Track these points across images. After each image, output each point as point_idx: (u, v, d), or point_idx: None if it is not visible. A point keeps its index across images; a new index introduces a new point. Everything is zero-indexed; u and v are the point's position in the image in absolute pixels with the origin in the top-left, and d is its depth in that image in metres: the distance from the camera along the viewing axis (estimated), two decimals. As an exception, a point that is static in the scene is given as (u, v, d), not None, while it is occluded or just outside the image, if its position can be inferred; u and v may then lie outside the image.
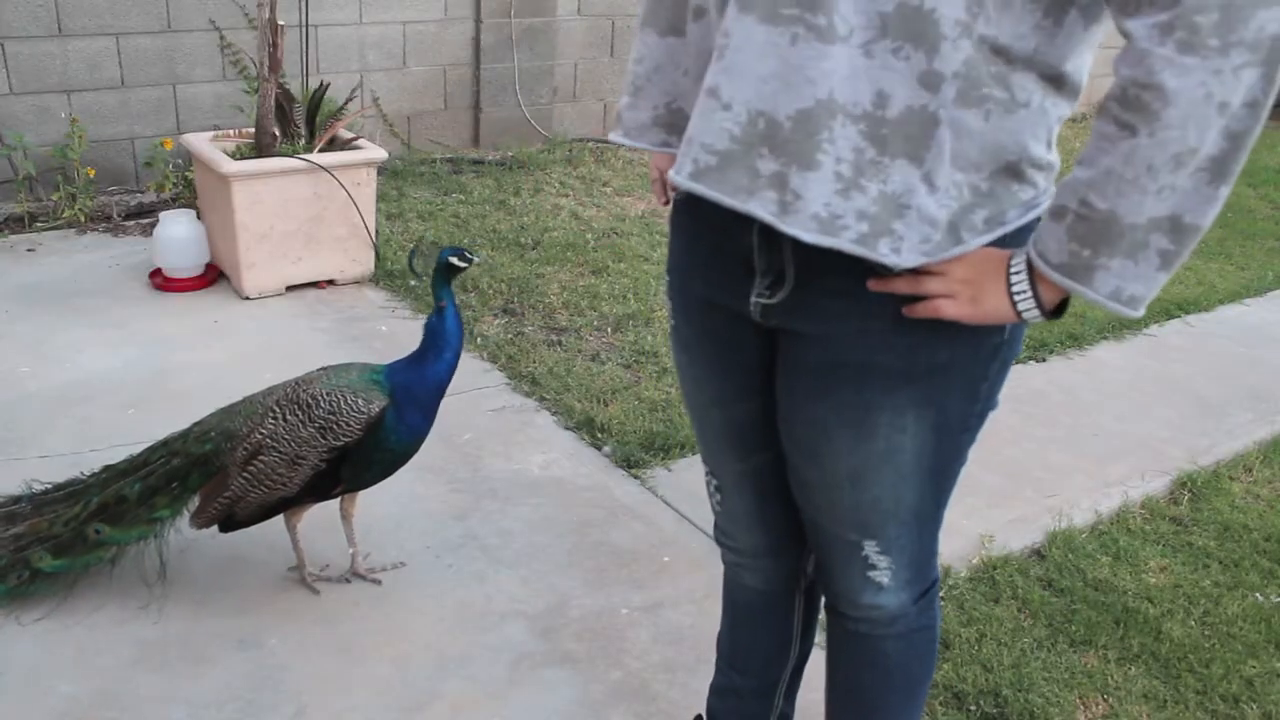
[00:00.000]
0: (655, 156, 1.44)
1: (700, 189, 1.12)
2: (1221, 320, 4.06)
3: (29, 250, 4.04)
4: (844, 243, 1.08)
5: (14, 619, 2.10)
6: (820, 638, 1.66)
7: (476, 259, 2.11)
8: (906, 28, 1.00)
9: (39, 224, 4.25)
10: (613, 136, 1.33)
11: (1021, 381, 3.42)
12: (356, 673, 2.02)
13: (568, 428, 2.95)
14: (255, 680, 1.98)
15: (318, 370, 2.14)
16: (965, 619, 2.24)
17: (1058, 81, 1.08)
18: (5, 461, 2.61)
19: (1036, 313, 1.09)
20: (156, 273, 3.77)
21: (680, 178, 1.13)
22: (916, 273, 1.12)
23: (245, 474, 2.04)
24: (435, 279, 2.06)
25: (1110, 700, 2.05)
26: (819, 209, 1.08)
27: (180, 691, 1.95)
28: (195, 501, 2.12)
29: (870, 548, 1.34)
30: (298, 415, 2.02)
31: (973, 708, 2.00)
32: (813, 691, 1.69)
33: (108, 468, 2.18)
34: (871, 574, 1.37)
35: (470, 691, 2.00)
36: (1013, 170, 1.11)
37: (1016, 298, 1.09)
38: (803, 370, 1.25)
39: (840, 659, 1.54)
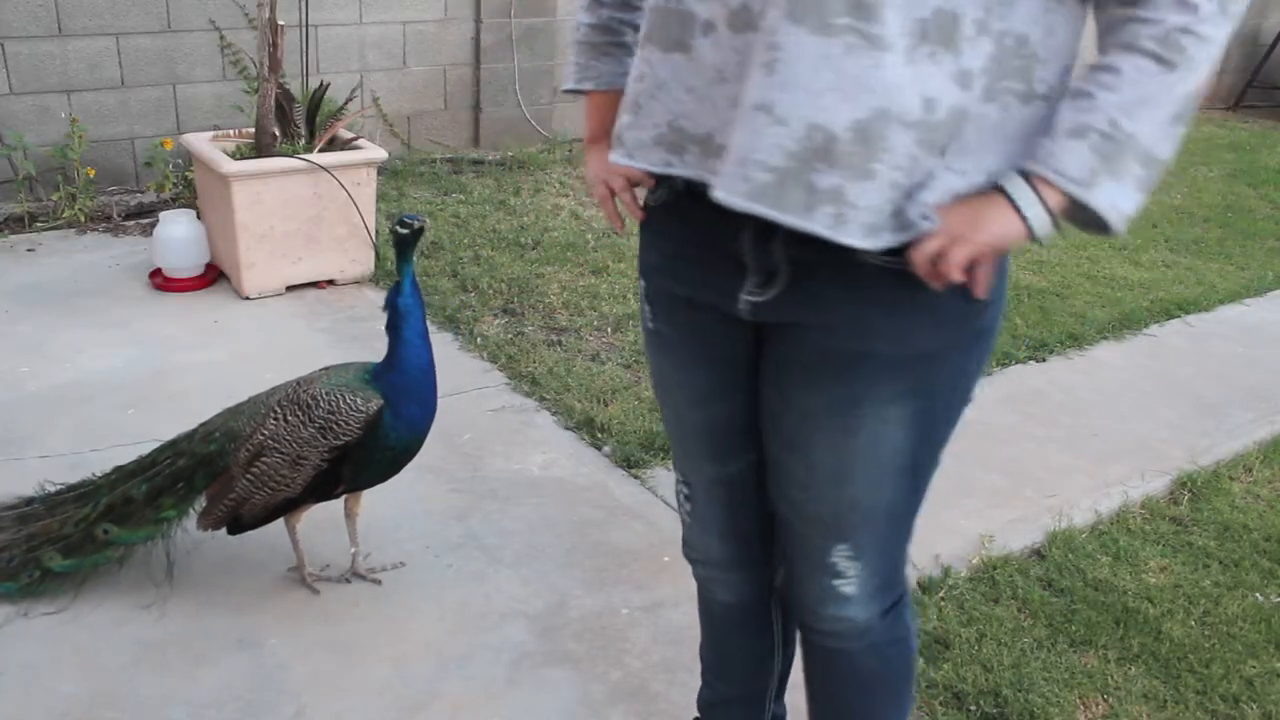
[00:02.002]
0: (611, 171, 1.38)
1: (760, 209, 1.11)
2: (1221, 320, 4.06)
3: (29, 250, 4.04)
4: (883, 241, 1.12)
5: (21, 616, 2.10)
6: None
7: (419, 222, 2.07)
8: (940, 32, 1.05)
9: (39, 224, 4.25)
10: (613, 158, 1.29)
11: (1021, 381, 3.42)
12: (356, 673, 2.02)
13: (568, 428, 2.95)
14: (255, 680, 1.99)
15: (319, 370, 2.14)
16: (965, 619, 2.23)
17: (1068, 70, 1.14)
18: (5, 461, 2.61)
19: (1047, 220, 1.11)
20: (156, 273, 3.77)
21: (735, 198, 1.11)
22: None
23: (249, 475, 2.04)
24: (396, 249, 2.07)
25: (1110, 700, 2.05)
26: (872, 217, 1.10)
27: (180, 691, 1.95)
28: (202, 502, 2.13)
29: (840, 553, 1.34)
30: (298, 415, 2.02)
31: (973, 708, 2.00)
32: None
33: (118, 469, 2.19)
34: (837, 583, 1.37)
35: (470, 691, 2.00)
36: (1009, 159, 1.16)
37: (1023, 207, 1.11)
38: (795, 361, 1.26)
39: (814, 672, 1.53)
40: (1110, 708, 2.03)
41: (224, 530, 2.13)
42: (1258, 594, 2.40)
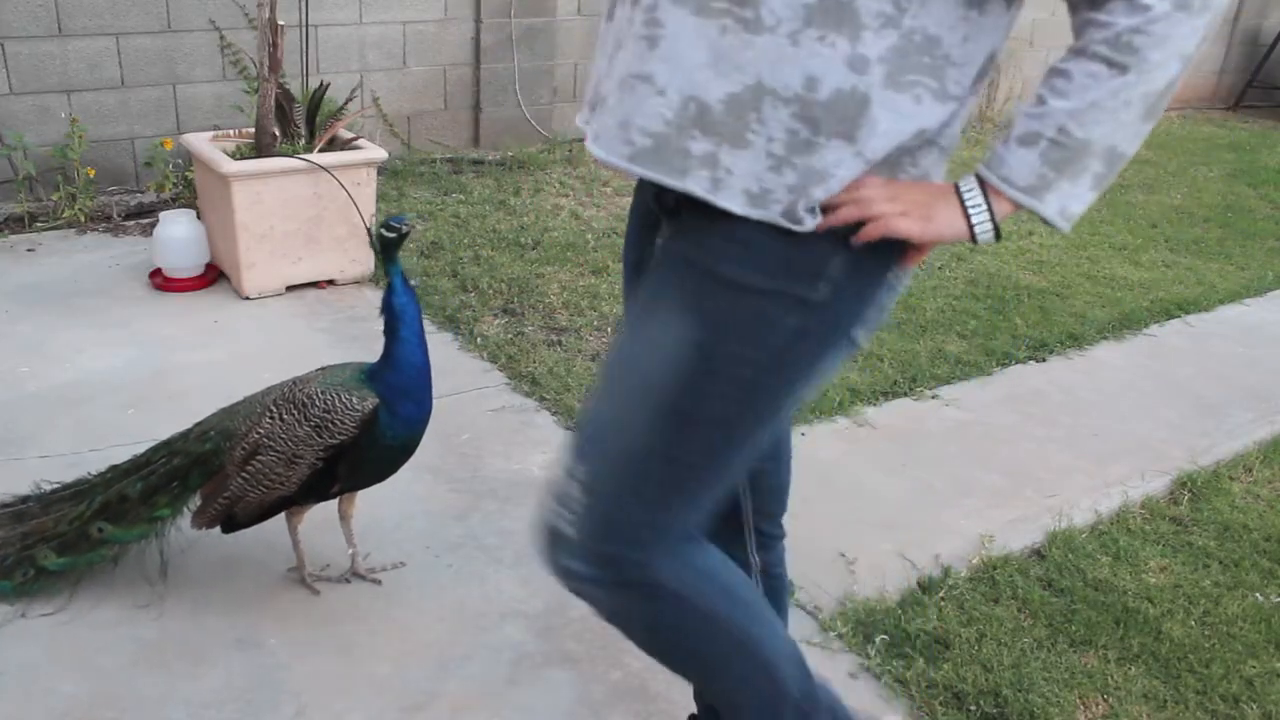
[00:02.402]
0: None
1: (638, 170, 1.20)
2: (1221, 320, 4.06)
3: (29, 250, 4.04)
4: (773, 215, 1.16)
5: (19, 616, 2.10)
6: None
7: (406, 225, 2.09)
8: (829, 17, 1.10)
9: (39, 224, 4.25)
10: (578, 121, 1.37)
11: (1021, 381, 3.42)
12: (356, 673, 2.02)
13: (568, 428, 2.95)
14: (255, 680, 1.98)
15: (315, 370, 2.14)
16: (965, 619, 2.23)
17: (984, 73, 1.18)
18: (5, 461, 2.61)
19: (990, 228, 1.18)
20: (156, 273, 3.77)
21: (616, 159, 1.21)
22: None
23: (244, 474, 2.04)
24: (381, 251, 2.10)
25: (1110, 700, 2.05)
26: (750, 184, 1.16)
27: (180, 691, 1.95)
28: (196, 500, 2.12)
29: (574, 471, 1.30)
30: (294, 414, 2.02)
31: (973, 708, 2.00)
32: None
33: (113, 467, 2.18)
34: (559, 509, 1.29)
35: (470, 691, 2.00)
36: (931, 146, 1.20)
37: (972, 214, 1.17)
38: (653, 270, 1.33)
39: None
40: (1110, 708, 2.03)
41: (219, 529, 2.12)
42: (1258, 594, 2.40)
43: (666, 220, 1.31)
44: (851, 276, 1.21)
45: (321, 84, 3.96)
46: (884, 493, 2.72)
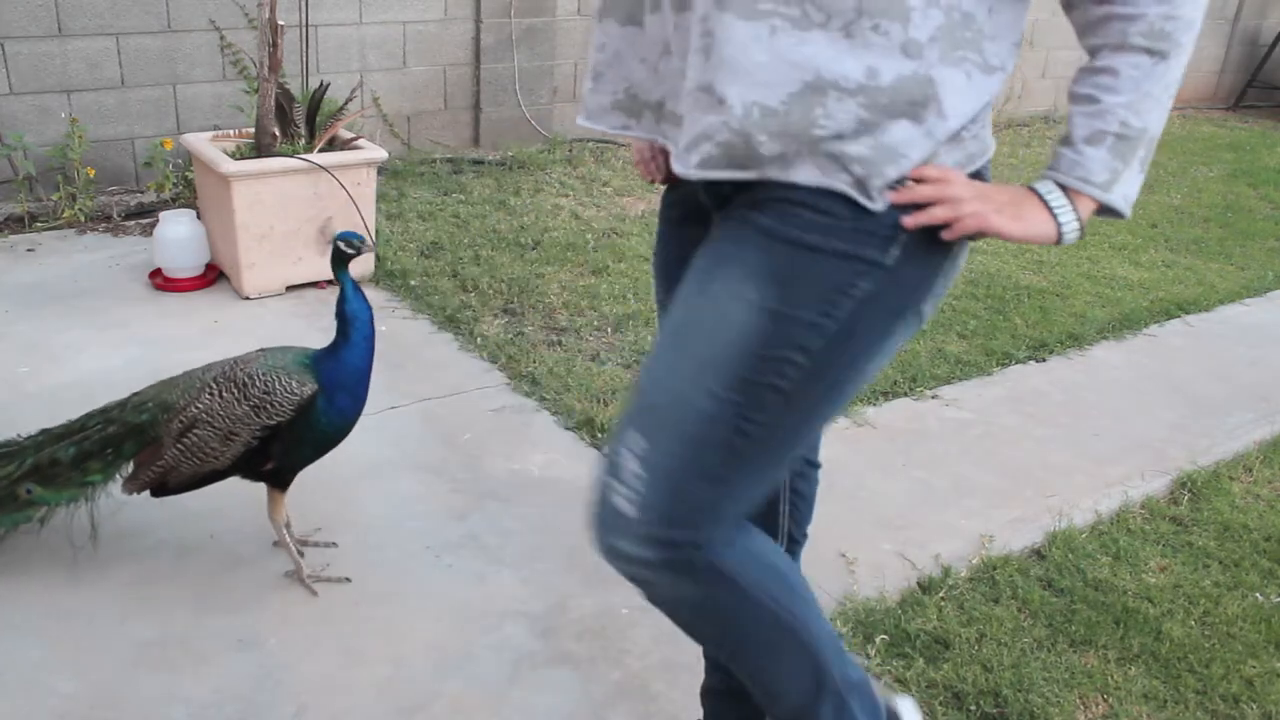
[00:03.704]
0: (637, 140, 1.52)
1: (712, 175, 1.21)
2: (1221, 320, 4.06)
3: (29, 250, 4.04)
4: (843, 184, 1.17)
5: (18, 615, 2.10)
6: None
7: (366, 247, 2.23)
8: (878, 5, 1.11)
9: (39, 224, 4.25)
10: (580, 120, 1.39)
11: (1021, 381, 3.42)
12: (356, 673, 2.02)
13: (568, 428, 2.95)
14: (255, 680, 1.98)
15: (255, 351, 2.19)
16: (965, 619, 2.23)
17: (1018, 43, 1.21)
18: (5, 461, 2.61)
19: (1077, 228, 1.21)
20: (156, 273, 3.77)
21: (688, 169, 1.21)
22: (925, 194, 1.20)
23: (179, 446, 2.10)
24: (332, 262, 2.20)
25: (1110, 700, 2.05)
26: (819, 160, 1.16)
27: (180, 691, 1.95)
28: (128, 468, 2.18)
29: (632, 443, 1.26)
30: (233, 393, 2.08)
31: (973, 708, 2.00)
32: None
33: (45, 431, 2.23)
34: (614, 484, 1.25)
35: (470, 691, 2.00)
36: (984, 119, 1.23)
37: (1059, 214, 1.21)
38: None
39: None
40: (1110, 708, 2.03)
41: (148, 493, 2.18)
42: (1258, 594, 2.40)
43: (719, 206, 1.31)
44: (922, 246, 1.21)
45: (321, 84, 3.96)
46: (884, 493, 2.72)
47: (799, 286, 1.18)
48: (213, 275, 3.81)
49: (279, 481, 2.19)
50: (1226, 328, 3.98)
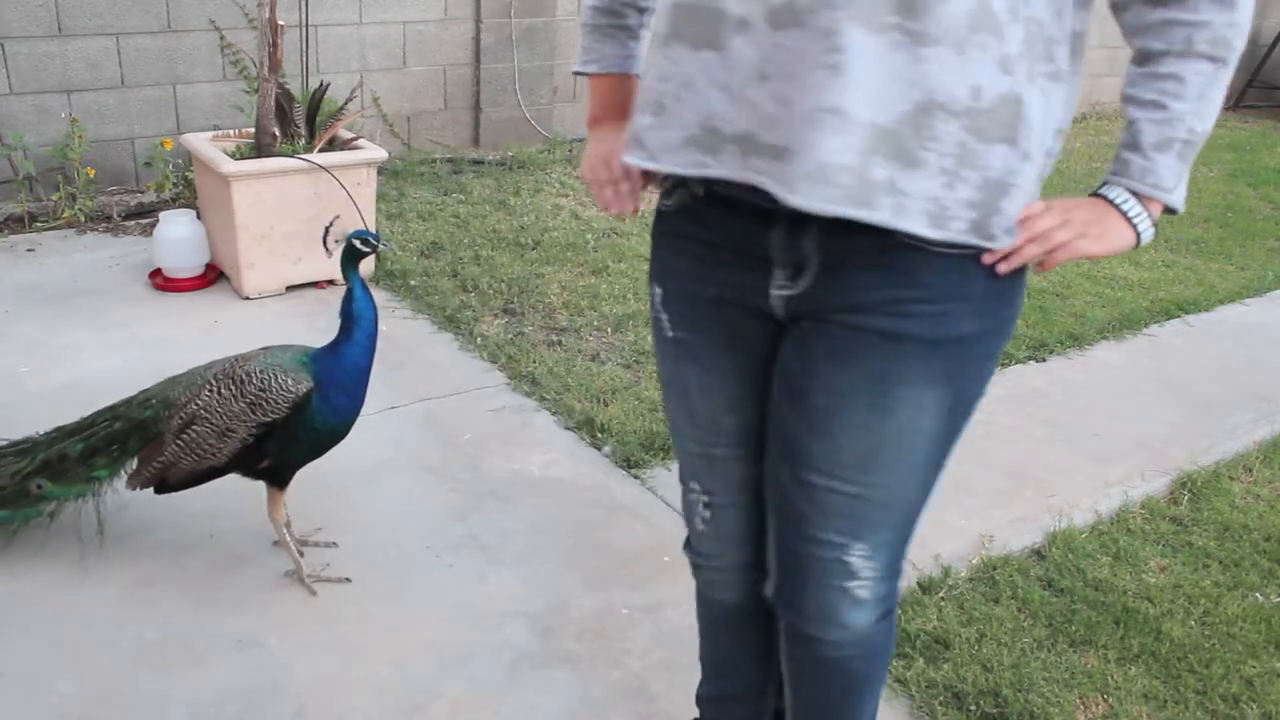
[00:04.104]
0: (613, 154, 1.37)
1: (843, 211, 1.12)
2: (1221, 320, 4.06)
3: (29, 250, 4.04)
4: (954, 234, 1.14)
5: (17, 615, 2.10)
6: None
7: (383, 245, 2.22)
8: (983, 21, 1.08)
9: (39, 224, 4.25)
10: (634, 160, 1.24)
11: (1021, 381, 3.42)
12: (356, 673, 2.02)
13: (568, 428, 2.95)
14: (255, 680, 1.98)
15: (258, 349, 2.21)
16: (965, 619, 2.23)
17: (1080, 53, 1.20)
18: (5, 461, 2.61)
19: (1152, 233, 1.25)
20: (156, 273, 3.77)
21: (816, 203, 1.12)
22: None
23: (178, 442, 2.12)
24: (343, 259, 2.19)
25: (1110, 700, 2.05)
26: (928, 205, 1.13)
27: (180, 691, 1.95)
28: (134, 464, 2.20)
29: (857, 552, 1.32)
30: (231, 390, 2.09)
31: (973, 708, 2.00)
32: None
33: (58, 428, 2.26)
34: (851, 585, 1.34)
35: (470, 691, 2.00)
36: (1060, 135, 1.23)
37: (1136, 222, 1.23)
38: (825, 343, 1.25)
39: (802, 676, 1.50)
40: (1110, 708, 2.03)
41: (152, 490, 2.19)
42: (1258, 594, 2.40)
43: (789, 270, 1.24)
44: (1018, 284, 1.28)
45: (321, 84, 3.96)
46: (884, 493, 2.71)
47: (967, 374, 1.27)
48: (213, 275, 3.81)
49: (277, 480, 2.19)
50: (1226, 328, 3.98)
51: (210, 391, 2.11)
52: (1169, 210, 1.24)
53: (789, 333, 1.30)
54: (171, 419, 2.14)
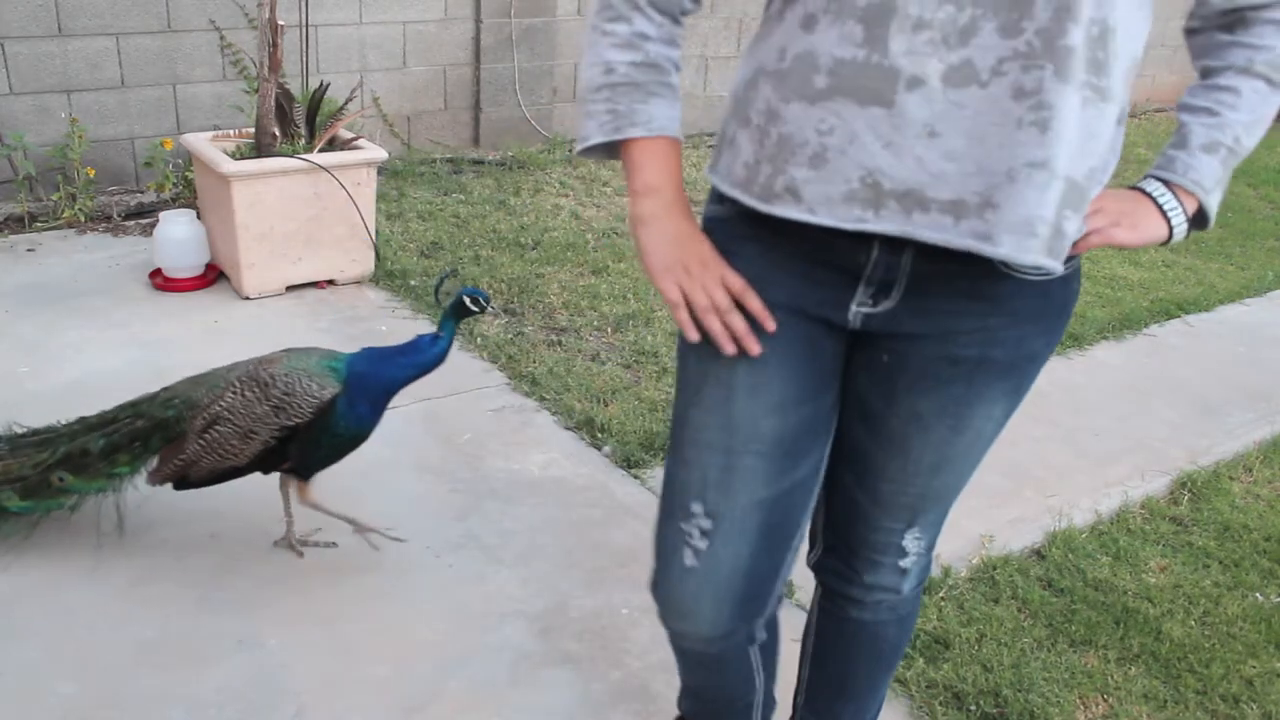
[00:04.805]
0: (718, 265, 1.28)
1: (1041, 261, 1.17)
2: (1221, 320, 4.06)
3: (29, 250, 4.04)
4: (1059, 265, 1.20)
5: (16, 614, 2.11)
6: (793, 628, 1.65)
7: (491, 307, 2.23)
8: (1131, 74, 1.17)
9: (39, 224, 4.25)
10: (784, 212, 1.21)
11: (1021, 381, 3.42)
12: (356, 673, 2.02)
13: (568, 428, 2.95)
14: (255, 680, 1.99)
15: (281, 351, 2.21)
16: (965, 619, 2.24)
17: (1133, 70, 1.23)
18: (5, 461, 2.61)
19: (1186, 228, 1.28)
20: (156, 273, 3.77)
21: (1026, 256, 1.16)
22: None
23: (201, 441, 2.13)
24: (447, 310, 2.17)
25: (1110, 700, 2.05)
26: (1065, 243, 1.20)
27: (180, 691, 1.95)
28: (154, 461, 2.22)
29: (911, 535, 1.44)
30: (255, 392, 2.10)
31: (973, 708, 2.00)
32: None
33: (81, 419, 2.28)
34: (902, 562, 1.47)
35: (470, 691, 2.00)
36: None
37: (1171, 215, 1.27)
38: (908, 367, 1.29)
39: (833, 655, 1.58)
40: (1110, 708, 2.03)
41: (170, 486, 2.21)
42: (1258, 594, 2.40)
43: (873, 288, 1.25)
44: (1076, 293, 1.35)
45: (321, 84, 3.96)
46: (884, 493, 2.72)
47: (1029, 383, 1.34)
48: (213, 275, 3.81)
49: (300, 477, 2.22)
50: (1226, 328, 3.98)
51: (234, 393, 2.12)
52: (1201, 218, 1.28)
53: (862, 352, 1.31)
54: (194, 419, 2.15)
